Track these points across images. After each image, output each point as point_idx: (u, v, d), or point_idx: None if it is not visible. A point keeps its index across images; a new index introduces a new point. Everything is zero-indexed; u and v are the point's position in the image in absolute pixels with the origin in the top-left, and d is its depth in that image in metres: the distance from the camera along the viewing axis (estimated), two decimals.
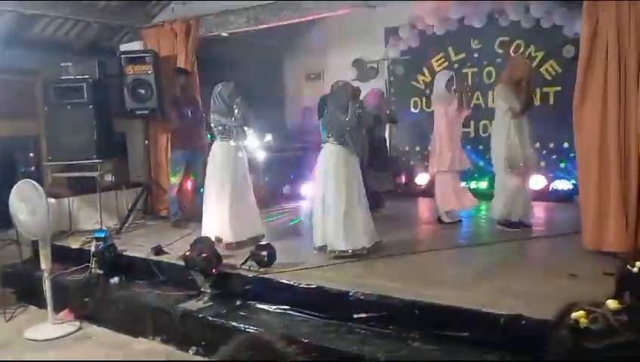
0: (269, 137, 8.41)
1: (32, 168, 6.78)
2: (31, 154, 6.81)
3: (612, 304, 1.12)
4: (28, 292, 5.47)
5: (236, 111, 5.35)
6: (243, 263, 4.66)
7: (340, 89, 4.98)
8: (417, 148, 8.23)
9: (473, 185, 7.38)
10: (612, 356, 1.07)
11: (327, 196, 4.82)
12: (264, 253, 4.60)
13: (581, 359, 1.10)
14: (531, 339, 3.17)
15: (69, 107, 6.39)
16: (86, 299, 5.08)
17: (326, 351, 3.62)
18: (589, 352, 1.08)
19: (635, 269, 1.78)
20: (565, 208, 6.46)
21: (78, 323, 4.88)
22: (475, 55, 7.74)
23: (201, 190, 5.77)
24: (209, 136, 6.30)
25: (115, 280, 5.18)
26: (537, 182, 7.13)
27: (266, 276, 4.49)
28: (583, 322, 1.11)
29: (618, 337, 1.07)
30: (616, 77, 4.29)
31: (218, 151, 5.39)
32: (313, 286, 4.21)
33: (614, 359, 1.07)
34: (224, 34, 6.91)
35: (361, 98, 5.34)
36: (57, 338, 4.63)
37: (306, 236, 5.32)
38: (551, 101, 7.28)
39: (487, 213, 6.07)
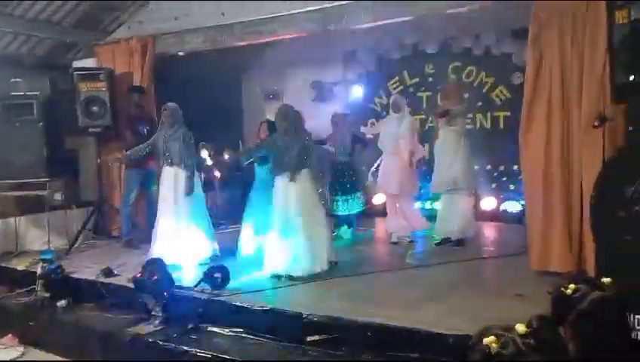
0: (226, 156, 8.38)
1: None
2: None
3: (520, 328, 1.18)
4: None
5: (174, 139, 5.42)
6: (196, 285, 4.60)
7: (281, 117, 5.03)
8: (374, 169, 8.33)
9: (428, 205, 7.51)
10: None
11: (284, 225, 4.85)
12: (217, 274, 4.56)
13: None
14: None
15: (17, 124, 6.23)
16: (31, 323, 4.90)
17: None
18: None
19: (569, 291, 1.84)
20: (514, 229, 6.63)
21: (22, 348, 4.71)
22: (430, 79, 7.95)
23: None
24: None
25: (62, 303, 5.02)
26: (488, 203, 7.37)
27: (219, 298, 4.44)
28: (494, 347, 1.16)
29: (526, 358, 1.13)
30: (560, 103, 4.49)
31: (166, 173, 5.44)
32: (267, 308, 4.19)
33: None
34: (180, 53, 6.88)
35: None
36: None
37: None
38: (501, 125, 7.54)
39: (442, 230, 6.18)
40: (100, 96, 6.63)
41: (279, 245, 4.89)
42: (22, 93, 6.35)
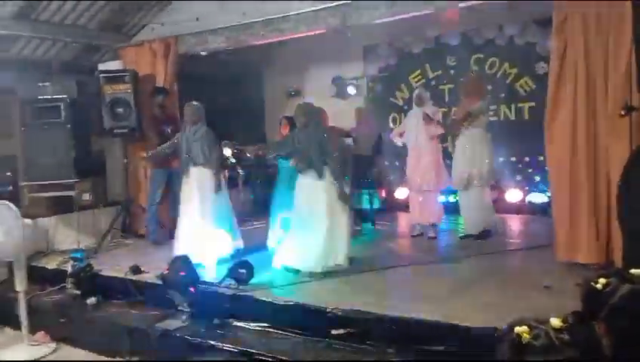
0: (249, 154, 8.45)
1: (9, 188, 6.70)
2: (8, 174, 6.74)
3: (555, 322, 1.16)
4: (3, 314, 5.38)
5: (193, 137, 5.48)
6: (221, 281, 4.66)
7: (300, 113, 5.06)
8: (397, 163, 8.30)
9: (452, 198, 7.45)
10: None
11: (304, 221, 4.88)
12: (242, 270, 4.61)
13: None
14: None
15: (45, 127, 6.37)
16: (62, 320, 5.02)
17: None
18: None
19: (599, 286, 1.80)
20: (540, 221, 6.55)
21: (54, 345, 4.82)
22: (452, 72, 7.87)
23: None
24: None
25: (92, 300, 5.12)
26: (513, 195, 7.29)
27: (244, 293, 4.49)
28: (526, 337, 1.14)
29: (557, 355, 1.10)
30: (585, 93, 4.42)
31: (191, 172, 5.50)
32: (291, 303, 4.22)
33: None
34: (202, 52, 6.96)
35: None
36: (33, 360, 4.56)
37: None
38: (526, 116, 7.43)
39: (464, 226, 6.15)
40: (124, 97, 6.73)
41: (298, 241, 4.92)
42: (49, 97, 6.49)
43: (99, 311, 5.01)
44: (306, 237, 4.89)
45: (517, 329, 1.15)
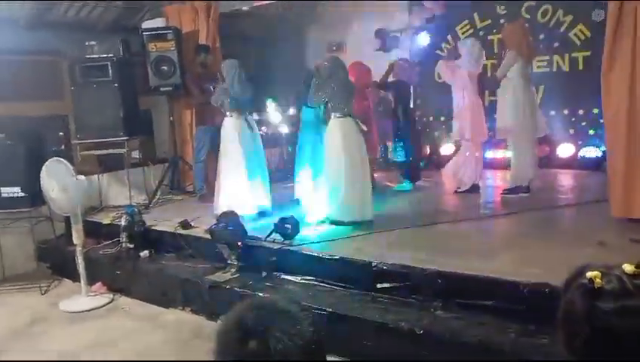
0: (292, 111, 8.43)
1: (62, 147, 6.92)
2: (60, 133, 6.95)
3: (628, 267, 1.09)
4: (62, 267, 5.69)
5: (230, 84, 5.44)
6: (268, 236, 4.73)
7: (333, 64, 5.07)
8: (442, 118, 8.12)
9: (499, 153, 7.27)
10: (626, 318, 1.05)
11: (337, 169, 4.84)
12: (288, 225, 4.66)
13: (592, 320, 1.08)
14: (556, 308, 3.15)
15: (94, 86, 6.47)
16: (118, 272, 5.25)
17: (350, 320, 3.68)
18: (601, 312, 1.07)
19: None
20: (594, 176, 6.33)
21: (111, 295, 5.07)
22: (502, 21, 7.53)
23: None
24: None
25: (145, 253, 5.32)
26: (565, 150, 7.04)
27: (290, 248, 4.55)
28: (598, 282, 1.08)
29: (634, 300, 1.05)
30: None
31: (225, 127, 5.53)
32: (337, 257, 4.26)
33: (627, 321, 1.05)
34: (244, 8, 6.87)
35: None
36: (91, 309, 4.82)
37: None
38: (580, 66, 7.08)
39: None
40: (168, 55, 6.76)
41: (325, 190, 4.92)
42: (96, 56, 6.59)
43: (152, 263, 5.20)
44: (332, 187, 4.88)
45: (588, 274, 1.09)
